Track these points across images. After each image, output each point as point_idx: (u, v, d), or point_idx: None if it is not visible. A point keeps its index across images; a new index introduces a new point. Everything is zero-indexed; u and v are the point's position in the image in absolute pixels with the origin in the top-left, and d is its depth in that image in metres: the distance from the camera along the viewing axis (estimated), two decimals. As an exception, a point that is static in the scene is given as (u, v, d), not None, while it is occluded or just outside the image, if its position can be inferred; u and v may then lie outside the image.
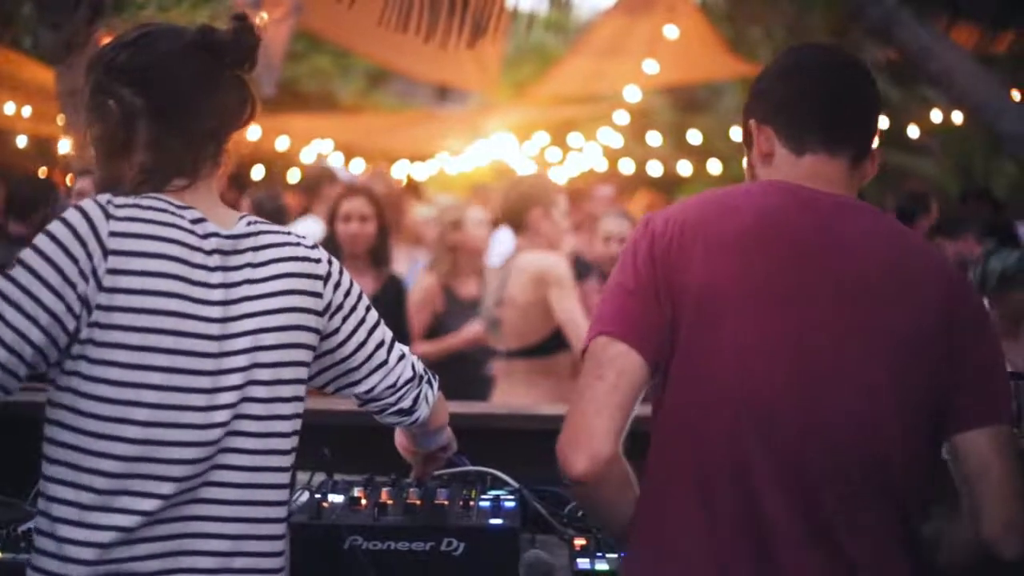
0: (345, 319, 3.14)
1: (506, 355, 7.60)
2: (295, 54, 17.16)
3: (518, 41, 20.12)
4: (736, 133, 14.82)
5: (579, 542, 3.70)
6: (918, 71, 11.43)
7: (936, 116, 13.77)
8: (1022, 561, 2.84)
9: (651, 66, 12.83)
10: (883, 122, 10.69)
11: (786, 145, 3.00)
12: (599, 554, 3.59)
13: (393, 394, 3.29)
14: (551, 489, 3.98)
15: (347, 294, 3.14)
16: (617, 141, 15.84)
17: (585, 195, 12.98)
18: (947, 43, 10.46)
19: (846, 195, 2.97)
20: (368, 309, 3.22)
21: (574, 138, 16.29)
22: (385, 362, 3.26)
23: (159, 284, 2.76)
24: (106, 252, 2.73)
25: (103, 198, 2.79)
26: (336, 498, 3.76)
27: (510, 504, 3.68)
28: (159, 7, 18.16)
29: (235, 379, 2.84)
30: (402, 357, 3.32)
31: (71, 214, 2.75)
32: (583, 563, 3.58)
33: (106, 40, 3.06)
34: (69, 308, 2.72)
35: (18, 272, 2.72)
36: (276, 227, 3.04)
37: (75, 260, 2.71)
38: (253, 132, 3.10)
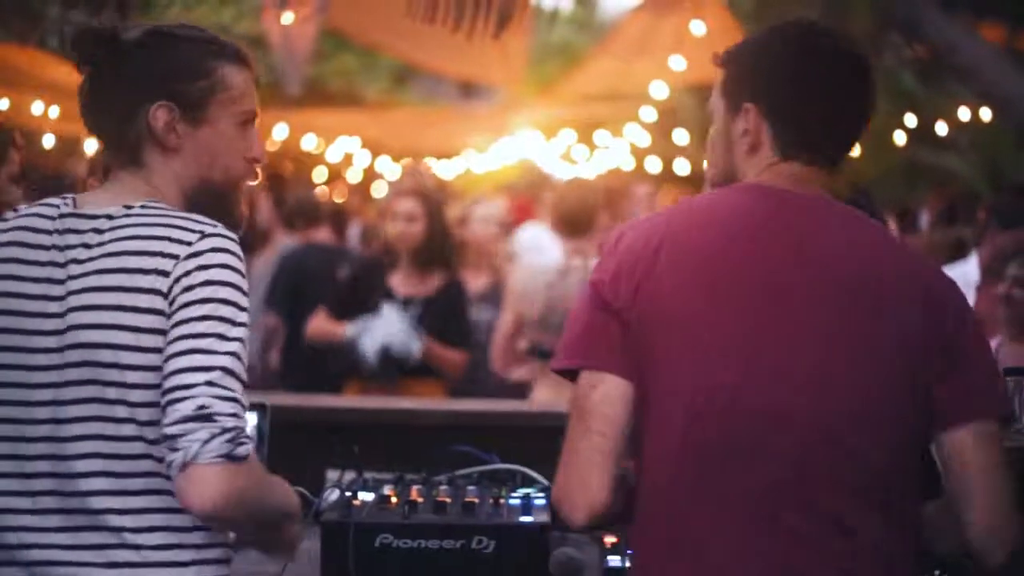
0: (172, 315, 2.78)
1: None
2: (321, 53, 17.17)
3: (543, 39, 20.11)
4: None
5: (609, 540, 3.69)
6: (946, 67, 11.41)
7: (964, 113, 13.71)
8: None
9: (678, 63, 12.78)
10: (911, 119, 10.64)
11: (772, 147, 2.93)
12: (629, 551, 3.58)
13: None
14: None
15: (187, 290, 2.78)
16: (644, 139, 15.78)
17: (623, 194, 12.96)
18: (974, 39, 10.44)
19: (822, 195, 2.93)
20: (203, 320, 2.76)
21: (601, 136, 16.24)
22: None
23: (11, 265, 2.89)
24: None
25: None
26: (366, 496, 3.76)
27: (540, 502, 3.67)
28: (184, 6, 18.21)
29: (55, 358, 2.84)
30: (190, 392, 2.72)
31: None
32: (614, 561, 3.57)
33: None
34: None
35: None
36: (152, 213, 2.87)
37: None
38: (280, 131, 3.11)
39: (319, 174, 16.36)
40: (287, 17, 12.55)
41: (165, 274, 2.77)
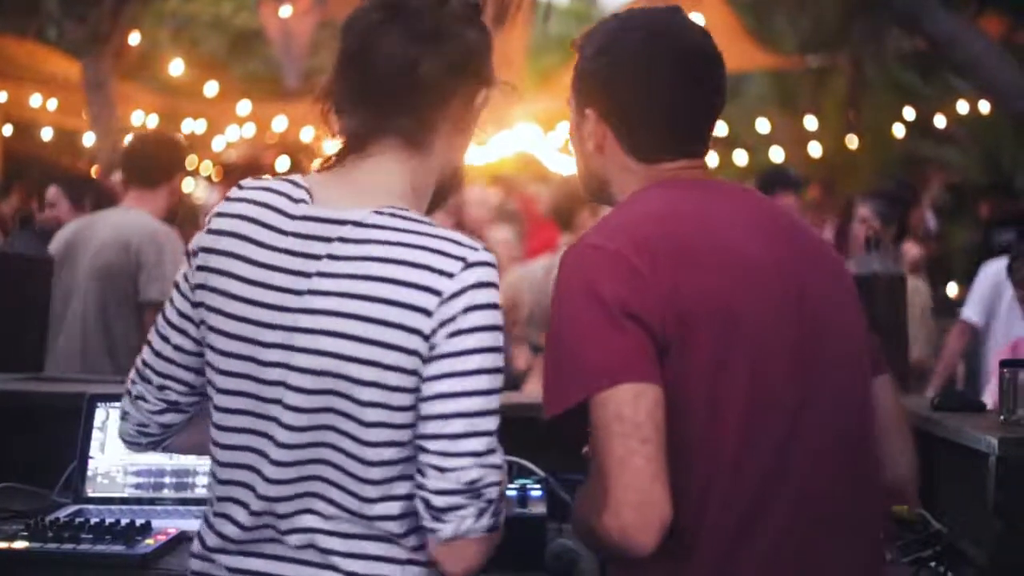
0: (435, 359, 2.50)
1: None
2: (319, 44, 17.17)
3: (542, 31, 20.11)
4: (763, 124, 14.94)
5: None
6: (945, 60, 11.41)
7: (963, 106, 13.75)
8: None
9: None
10: (909, 112, 10.64)
11: (630, 153, 2.83)
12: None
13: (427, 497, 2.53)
14: (578, 478, 3.98)
15: (455, 335, 2.49)
16: (642, 131, 15.80)
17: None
18: (974, 32, 10.43)
19: (718, 179, 2.93)
20: (476, 375, 2.50)
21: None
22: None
23: (227, 264, 2.60)
24: (206, 231, 2.66)
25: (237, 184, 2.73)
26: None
27: (537, 493, 3.67)
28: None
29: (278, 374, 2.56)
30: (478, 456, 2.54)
31: None
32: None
33: (132, 32, 3.02)
34: (185, 288, 2.70)
35: None
36: (408, 224, 2.55)
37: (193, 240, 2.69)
38: (279, 123, 3.08)
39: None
40: (285, 10, 12.57)
41: (427, 314, 2.47)
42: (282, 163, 14.49)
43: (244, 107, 14.75)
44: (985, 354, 7.90)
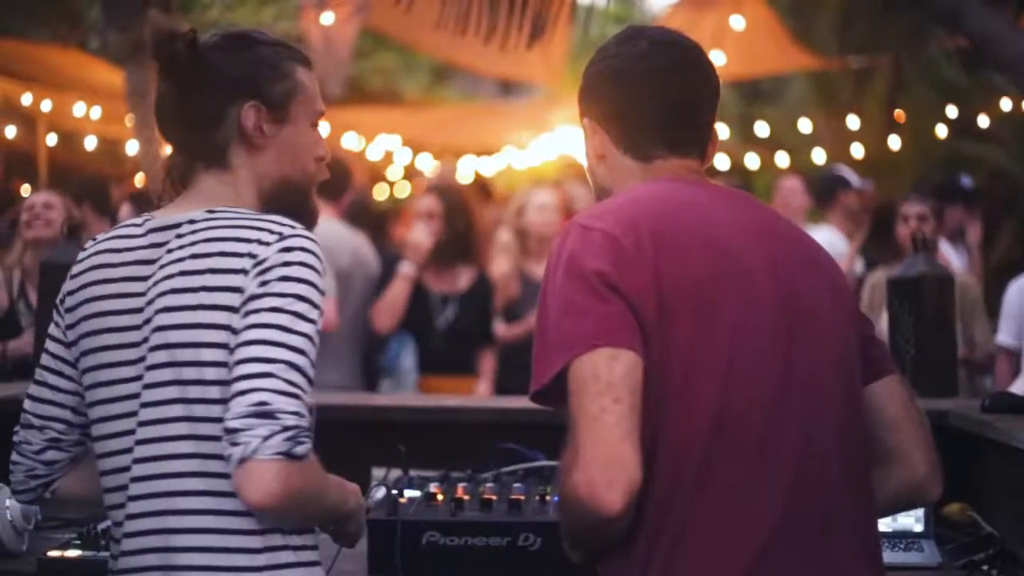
0: (243, 307, 2.79)
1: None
2: (360, 51, 17.19)
3: (584, 34, 20.08)
4: (805, 125, 14.89)
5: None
6: (987, 59, 11.33)
7: (1006, 104, 13.64)
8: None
9: (718, 58, 12.76)
10: (952, 111, 10.59)
11: (627, 153, 2.93)
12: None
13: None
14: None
15: (263, 284, 2.78)
16: (684, 133, 15.75)
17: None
18: (1016, 30, 10.36)
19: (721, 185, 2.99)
20: (272, 312, 2.76)
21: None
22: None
23: (87, 293, 2.99)
24: (70, 277, 3.06)
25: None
26: (412, 494, 3.77)
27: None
28: (224, 6, 18.26)
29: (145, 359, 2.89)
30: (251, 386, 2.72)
31: None
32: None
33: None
34: (58, 334, 3.07)
35: None
36: (234, 216, 2.90)
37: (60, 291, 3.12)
38: (321, 129, 3.11)
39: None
40: (327, 17, 12.57)
41: (244, 272, 2.78)
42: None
43: (287, 114, 14.58)
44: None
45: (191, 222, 2.90)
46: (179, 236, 2.89)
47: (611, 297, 2.60)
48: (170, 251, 2.88)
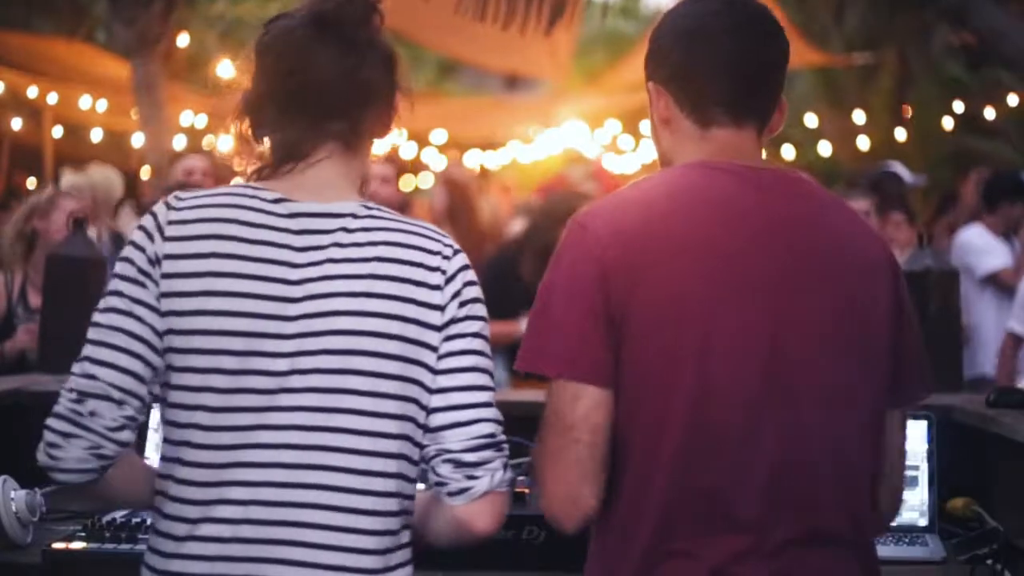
0: (449, 327, 2.70)
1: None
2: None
3: (590, 28, 20.09)
4: (811, 119, 14.89)
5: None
6: (993, 54, 11.36)
7: (1012, 100, 13.66)
8: None
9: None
10: (958, 106, 10.54)
11: (689, 116, 2.82)
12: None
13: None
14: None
15: (463, 305, 2.71)
16: (690, 128, 15.77)
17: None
18: (1022, 25, 10.37)
19: (774, 167, 2.83)
20: (477, 337, 2.72)
21: (647, 125, 16.21)
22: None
23: (209, 265, 2.64)
24: (164, 239, 2.65)
25: (171, 195, 2.73)
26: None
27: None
28: (231, 1, 18.26)
29: (295, 362, 2.63)
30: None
31: (143, 218, 2.72)
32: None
33: (181, 34, 3.02)
34: (150, 299, 2.65)
35: (109, 284, 2.69)
36: (394, 215, 2.75)
37: (143, 250, 2.66)
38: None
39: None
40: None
41: (439, 289, 2.67)
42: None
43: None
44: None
45: (354, 216, 2.70)
46: (347, 231, 2.68)
47: (588, 311, 2.61)
48: (340, 246, 2.67)
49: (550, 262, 2.71)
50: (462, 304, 2.68)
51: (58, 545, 3.57)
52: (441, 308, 2.66)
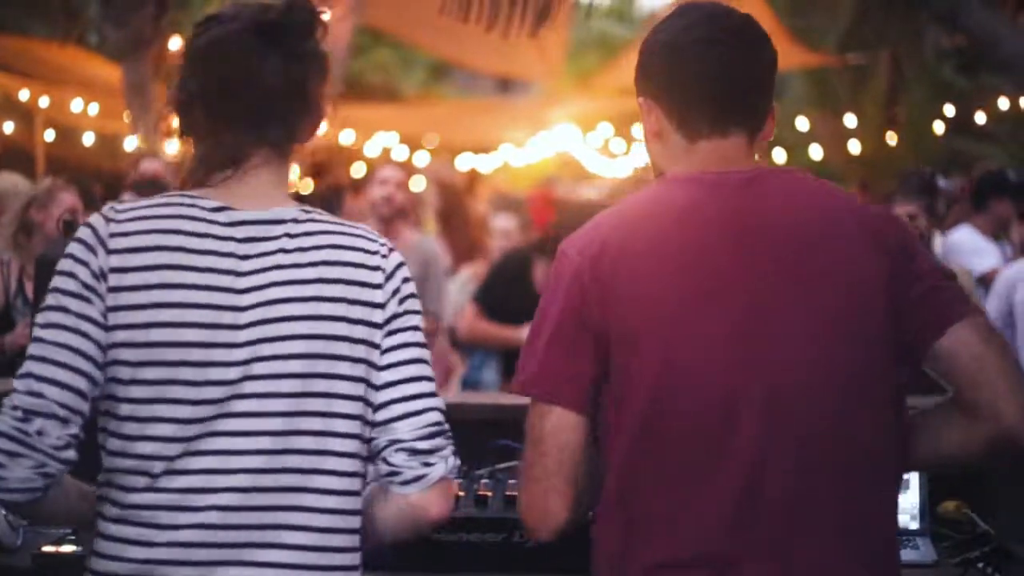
0: (390, 324, 2.79)
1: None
2: (357, 48, 17.20)
3: (581, 31, 20.10)
4: (802, 122, 14.89)
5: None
6: (985, 58, 11.37)
7: (1003, 103, 13.66)
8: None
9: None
10: (949, 109, 10.56)
11: (678, 131, 2.87)
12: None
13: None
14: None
15: (402, 301, 2.80)
16: (682, 131, 15.77)
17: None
18: (1014, 30, 10.39)
19: (750, 168, 2.84)
20: (416, 330, 2.83)
21: (639, 129, 16.22)
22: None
23: (158, 277, 2.64)
24: (108, 252, 2.64)
25: (106, 206, 2.73)
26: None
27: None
28: (223, 3, 18.22)
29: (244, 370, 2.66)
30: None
31: (80, 230, 2.69)
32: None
33: (173, 37, 3.03)
34: (96, 315, 2.65)
35: (48, 299, 2.68)
36: (331, 218, 2.82)
37: (86, 264, 2.64)
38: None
39: (357, 169, 16.42)
40: (323, 15, 12.58)
41: (380, 288, 2.76)
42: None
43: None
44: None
45: (295, 221, 2.76)
46: (290, 237, 2.73)
47: (557, 335, 2.73)
48: (286, 252, 2.72)
49: (549, 277, 2.83)
50: (401, 300, 2.78)
51: (48, 548, 3.57)
52: (382, 306, 2.76)
